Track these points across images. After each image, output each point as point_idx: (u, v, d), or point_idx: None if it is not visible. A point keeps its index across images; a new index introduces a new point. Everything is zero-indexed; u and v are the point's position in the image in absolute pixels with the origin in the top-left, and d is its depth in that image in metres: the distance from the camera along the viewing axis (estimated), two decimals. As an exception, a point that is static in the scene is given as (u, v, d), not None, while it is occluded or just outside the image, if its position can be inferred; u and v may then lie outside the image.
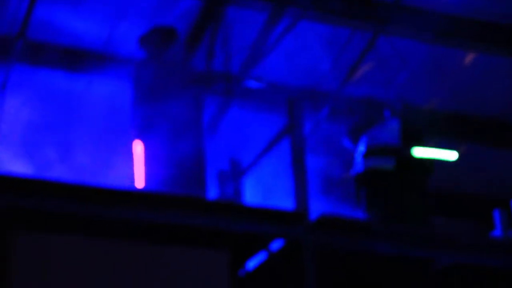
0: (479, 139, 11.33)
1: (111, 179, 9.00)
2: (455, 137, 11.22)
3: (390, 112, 7.86)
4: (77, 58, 9.90)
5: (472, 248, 6.84)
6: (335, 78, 10.26)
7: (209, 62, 9.81)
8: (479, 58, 10.39)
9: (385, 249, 6.54)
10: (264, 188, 9.06)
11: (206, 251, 6.11)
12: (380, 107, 8.00)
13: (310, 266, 6.21)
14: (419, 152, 7.63)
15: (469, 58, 10.47)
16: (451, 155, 7.85)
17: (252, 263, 6.60)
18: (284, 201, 7.26)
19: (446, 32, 9.90)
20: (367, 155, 7.67)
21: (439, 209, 10.98)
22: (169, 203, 6.03)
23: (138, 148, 7.69)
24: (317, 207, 6.73)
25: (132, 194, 6.00)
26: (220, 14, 9.36)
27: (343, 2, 9.56)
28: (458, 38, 10.00)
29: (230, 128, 10.39)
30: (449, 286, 7.11)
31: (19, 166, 9.27)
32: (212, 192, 7.64)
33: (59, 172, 9.35)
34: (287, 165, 7.15)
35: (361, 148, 7.82)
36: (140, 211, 5.93)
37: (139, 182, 7.55)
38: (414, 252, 6.65)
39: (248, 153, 7.61)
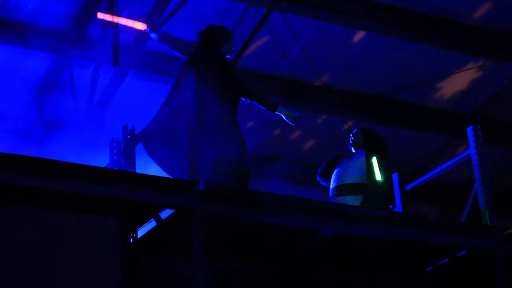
0: (367, 115, 11.59)
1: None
2: (344, 111, 11.47)
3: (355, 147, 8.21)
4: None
5: (355, 220, 7.06)
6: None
7: (105, 32, 9.79)
8: (368, 36, 10.64)
9: (272, 219, 6.70)
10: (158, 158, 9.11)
11: (96, 218, 6.16)
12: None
13: (199, 234, 6.31)
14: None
15: (358, 36, 10.71)
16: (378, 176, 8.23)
17: (143, 231, 6.68)
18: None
19: (337, 10, 10.08)
20: (336, 195, 7.92)
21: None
22: (60, 169, 6.05)
23: None
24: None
25: (23, 160, 5.99)
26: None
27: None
28: (348, 17, 10.18)
29: (125, 97, 10.38)
30: (333, 256, 7.36)
31: None
32: (105, 160, 7.66)
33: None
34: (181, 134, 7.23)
35: (332, 186, 8.06)
36: (31, 177, 5.94)
37: None
38: (299, 222, 6.84)
39: (143, 122, 7.65)
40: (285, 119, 7.92)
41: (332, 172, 8.13)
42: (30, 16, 9.76)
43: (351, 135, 8.31)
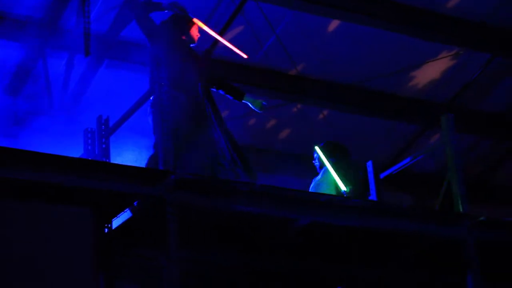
0: (341, 104, 11.64)
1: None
2: (319, 100, 11.50)
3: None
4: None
5: (329, 208, 7.10)
6: (204, 41, 10.33)
7: (78, 21, 9.75)
8: (343, 26, 10.68)
9: (246, 208, 6.73)
10: (133, 147, 9.11)
11: (70, 208, 6.16)
12: None
13: (173, 224, 6.33)
14: None
15: (333, 25, 10.74)
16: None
17: (117, 221, 6.69)
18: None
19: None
20: None
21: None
22: (34, 160, 6.04)
23: None
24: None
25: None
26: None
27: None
28: (323, 6, 10.20)
29: (100, 87, 10.36)
30: (307, 245, 7.39)
31: None
32: (79, 151, 7.65)
33: None
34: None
35: None
36: (3, 168, 5.92)
37: None
38: (274, 211, 6.86)
39: (117, 112, 7.65)
40: (252, 107, 7.96)
41: None
42: (3, 5, 9.70)
43: (314, 154, 8.57)
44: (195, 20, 7.91)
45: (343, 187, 8.22)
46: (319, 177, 8.52)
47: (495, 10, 10.72)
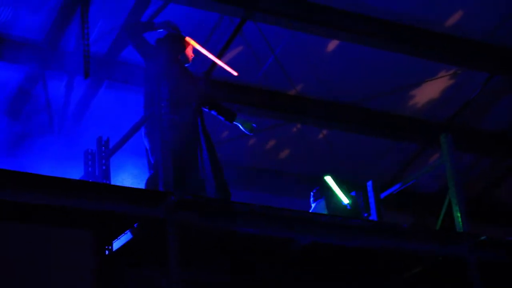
0: (341, 124, 11.64)
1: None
2: (318, 120, 11.50)
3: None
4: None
5: (330, 228, 7.10)
6: (203, 62, 10.36)
7: (78, 43, 9.77)
8: (342, 46, 10.71)
9: (246, 229, 6.73)
10: (133, 168, 9.11)
11: (71, 230, 6.16)
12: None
13: (173, 245, 6.33)
14: None
15: (332, 45, 10.76)
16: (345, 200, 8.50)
17: (118, 243, 6.68)
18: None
19: (311, 19, 10.13)
20: None
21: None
22: (33, 182, 6.04)
23: None
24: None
25: (-3, 173, 5.99)
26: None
27: (211, -14, 9.67)
28: (321, 27, 10.24)
29: (100, 109, 10.38)
30: (308, 265, 7.39)
31: None
32: (79, 172, 7.65)
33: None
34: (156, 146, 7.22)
35: None
36: (3, 190, 5.91)
37: None
38: (274, 232, 6.86)
39: (117, 133, 7.65)
40: (242, 129, 7.98)
41: None
42: (3, 27, 9.74)
43: (312, 193, 8.82)
44: (188, 39, 7.93)
45: (345, 200, 8.24)
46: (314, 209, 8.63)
47: (494, 28, 10.76)
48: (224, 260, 7.12)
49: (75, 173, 7.75)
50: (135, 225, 6.58)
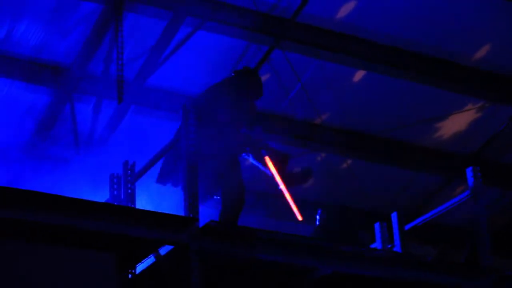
0: (365, 154, 11.63)
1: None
2: (343, 150, 11.49)
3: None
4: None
5: (352, 259, 7.07)
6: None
7: (106, 67, 9.86)
8: (368, 76, 10.72)
9: (268, 257, 6.72)
10: (158, 193, 9.14)
11: (95, 253, 6.17)
12: None
13: (196, 271, 6.34)
14: None
15: (358, 75, 10.78)
16: None
17: (141, 267, 6.69)
18: (177, 207, 7.39)
19: (338, 49, 10.17)
20: None
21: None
22: (59, 204, 6.07)
23: None
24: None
25: (23, 194, 6.02)
26: (119, 20, 9.39)
27: (240, 15, 9.71)
28: (348, 56, 10.27)
29: (126, 133, 10.43)
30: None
31: None
32: (104, 195, 7.68)
33: None
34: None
35: None
36: (29, 212, 5.96)
37: None
38: (295, 260, 6.85)
39: (143, 157, 7.69)
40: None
41: None
42: (33, 51, 9.84)
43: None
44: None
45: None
46: None
47: (521, 63, 10.75)
48: (246, 287, 7.10)
49: (101, 196, 7.78)
50: (158, 249, 6.59)
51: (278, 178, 8.04)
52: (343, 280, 7.16)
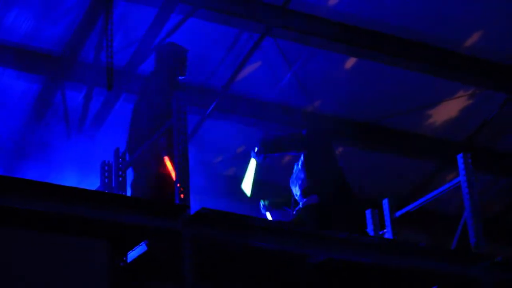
0: (357, 141, 11.64)
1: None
2: (335, 138, 11.49)
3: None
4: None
5: (346, 245, 7.08)
6: (222, 77, 10.40)
7: (97, 55, 9.84)
8: (359, 63, 10.72)
9: (261, 243, 6.72)
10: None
11: (86, 240, 6.16)
12: None
13: (189, 258, 6.33)
14: None
15: (350, 63, 10.78)
16: None
17: (133, 254, 6.68)
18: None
19: (329, 36, 10.16)
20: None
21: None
22: (50, 191, 6.06)
23: None
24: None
25: (13, 181, 6.02)
26: (110, 7, 9.36)
27: (232, 2, 9.69)
28: (340, 44, 10.26)
29: (118, 121, 10.41)
30: (323, 281, 7.36)
31: None
32: (95, 183, 7.67)
33: None
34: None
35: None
36: (21, 199, 5.95)
37: None
38: (288, 247, 6.86)
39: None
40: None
41: None
42: (24, 38, 9.81)
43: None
44: None
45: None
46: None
47: (512, 50, 10.76)
48: (239, 274, 7.11)
49: (92, 184, 7.77)
50: (150, 237, 6.58)
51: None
52: (336, 266, 7.16)
